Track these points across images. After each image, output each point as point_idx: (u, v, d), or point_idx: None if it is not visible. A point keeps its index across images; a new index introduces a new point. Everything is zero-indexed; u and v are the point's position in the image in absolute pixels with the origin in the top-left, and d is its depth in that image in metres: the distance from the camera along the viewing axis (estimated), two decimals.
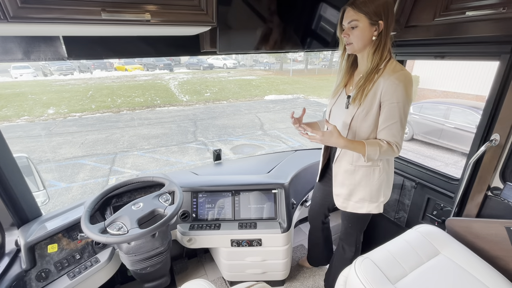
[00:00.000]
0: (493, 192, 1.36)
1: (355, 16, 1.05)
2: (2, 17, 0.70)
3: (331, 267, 1.69)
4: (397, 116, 1.09)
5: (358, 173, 1.25)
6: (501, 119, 1.26)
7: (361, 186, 1.27)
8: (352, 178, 1.26)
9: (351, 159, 1.24)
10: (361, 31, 1.06)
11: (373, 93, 1.11)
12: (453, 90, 8.88)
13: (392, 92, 1.07)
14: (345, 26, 1.09)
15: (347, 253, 1.54)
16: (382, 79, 1.09)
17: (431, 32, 1.47)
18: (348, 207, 1.34)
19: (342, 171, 1.28)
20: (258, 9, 1.20)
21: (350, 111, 1.17)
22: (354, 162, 1.24)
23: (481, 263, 1.23)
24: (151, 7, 0.87)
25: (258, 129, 8.29)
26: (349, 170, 1.26)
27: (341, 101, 1.25)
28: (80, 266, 1.34)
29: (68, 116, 9.69)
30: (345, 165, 1.26)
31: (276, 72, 22.76)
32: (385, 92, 1.08)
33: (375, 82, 1.10)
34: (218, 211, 1.69)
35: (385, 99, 1.09)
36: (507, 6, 1.03)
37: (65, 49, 1.07)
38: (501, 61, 1.23)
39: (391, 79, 1.07)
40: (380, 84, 1.09)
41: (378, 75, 1.10)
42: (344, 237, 1.53)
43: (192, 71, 21.28)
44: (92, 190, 4.79)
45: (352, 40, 1.09)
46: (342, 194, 1.32)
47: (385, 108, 1.10)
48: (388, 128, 1.12)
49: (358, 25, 1.05)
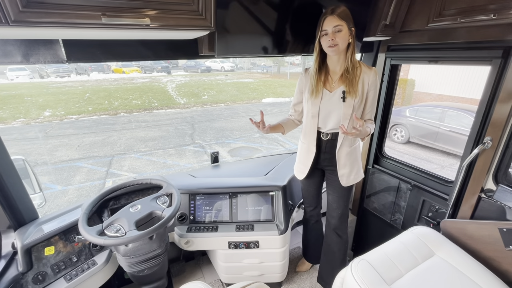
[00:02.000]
0: (487, 194, 1.38)
1: (339, 21, 1.22)
2: (3, 21, 0.71)
3: (328, 259, 1.76)
4: (375, 101, 1.46)
5: (354, 152, 1.50)
6: (493, 122, 1.29)
7: (356, 161, 1.53)
8: (351, 157, 1.50)
9: (350, 142, 1.47)
10: (344, 34, 1.24)
11: (362, 86, 1.36)
12: (448, 93, 8.99)
13: (375, 85, 1.38)
14: (329, 31, 1.24)
15: (343, 236, 1.68)
16: (366, 75, 1.36)
17: (424, 37, 1.50)
18: (349, 181, 1.54)
19: (344, 154, 1.48)
20: (256, 14, 1.22)
21: (349, 103, 1.36)
22: (353, 144, 1.48)
23: (475, 264, 1.25)
24: (151, 12, 0.88)
25: (256, 131, 8.30)
26: (349, 152, 1.48)
27: (327, 98, 1.40)
28: (77, 268, 1.33)
29: (64, 118, 9.63)
30: (346, 149, 1.47)
31: (273, 75, 22.85)
32: (371, 84, 1.37)
33: (359, 77, 1.35)
34: (216, 213, 1.69)
35: (371, 89, 1.38)
36: (497, 13, 1.06)
37: (64, 52, 1.08)
38: (493, 66, 1.26)
39: (373, 74, 1.36)
40: (366, 78, 1.36)
41: (359, 71, 1.35)
42: (339, 222, 1.65)
43: (190, 74, 21.30)
44: (88, 192, 4.76)
45: (337, 42, 1.24)
46: (345, 173, 1.52)
47: (371, 96, 1.40)
48: (372, 110, 1.46)
49: (342, 29, 1.23)
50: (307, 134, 1.51)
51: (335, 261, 1.71)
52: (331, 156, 1.51)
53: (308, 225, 1.88)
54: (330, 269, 1.74)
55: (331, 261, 1.74)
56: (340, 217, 1.63)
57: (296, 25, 1.34)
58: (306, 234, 1.94)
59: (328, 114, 1.42)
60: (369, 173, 2.09)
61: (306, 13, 1.32)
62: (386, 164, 1.97)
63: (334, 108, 1.39)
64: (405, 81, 9.50)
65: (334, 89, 1.39)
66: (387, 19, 1.48)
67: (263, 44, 1.33)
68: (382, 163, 2.00)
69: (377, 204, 2.07)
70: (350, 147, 1.48)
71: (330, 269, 1.74)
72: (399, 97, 9.60)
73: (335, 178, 1.55)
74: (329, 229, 1.70)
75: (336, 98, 1.38)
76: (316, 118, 1.44)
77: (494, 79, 1.27)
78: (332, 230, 1.67)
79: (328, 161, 1.53)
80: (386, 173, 1.95)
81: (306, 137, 1.53)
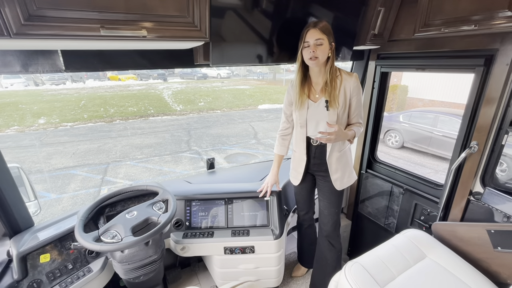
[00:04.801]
0: (475, 197, 1.43)
1: (321, 35, 1.27)
2: (5, 33, 0.74)
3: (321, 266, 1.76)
4: (361, 104, 1.49)
5: (344, 156, 1.54)
6: (479, 127, 1.34)
7: (347, 165, 1.57)
8: (341, 162, 1.54)
9: (339, 147, 1.51)
10: (324, 48, 1.30)
11: (343, 94, 1.41)
12: (440, 99, 9.17)
13: (358, 90, 1.43)
14: (311, 43, 1.29)
15: (336, 244, 1.69)
16: (347, 82, 1.40)
17: (412, 46, 1.57)
18: (343, 184, 1.57)
19: (335, 159, 1.52)
20: (250, 24, 1.27)
21: (333, 112, 1.42)
22: (341, 148, 1.52)
23: (465, 266, 1.28)
24: (148, 24, 0.92)
25: (252, 138, 8.35)
26: (339, 157, 1.52)
27: (313, 108, 1.46)
28: (72, 276, 1.33)
29: (59, 126, 9.57)
30: (336, 154, 1.51)
31: (269, 81, 23.05)
32: (353, 90, 1.42)
33: (340, 86, 1.40)
34: (212, 219, 1.71)
35: (354, 95, 1.43)
36: (478, 23, 1.12)
37: (62, 62, 1.11)
38: (476, 74, 1.32)
39: (353, 80, 1.41)
40: (347, 86, 1.41)
41: (339, 80, 1.40)
42: (331, 229, 1.65)
43: (186, 81, 21.37)
44: (83, 201, 4.72)
45: (318, 55, 1.30)
46: (338, 177, 1.55)
47: (355, 101, 1.45)
48: (358, 113, 1.49)
49: (323, 43, 1.29)
50: (298, 143, 1.56)
51: (327, 269, 1.70)
52: (321, 161, 1.54)
53: (302, 229, 1.89)
54: (322, 276, 1.74)
55: (323, 268, 1.73)
56: (332, 224, 1.64)
57: (288, 34, 1.39)
58: (300, 238, 1.96)
59: (316, 123, 1.46)
60: (362, 178, 2.12)
61: (299, 23, 1.37)
62: (379, 169, 2.01)
63: (321, 117, 1.44)
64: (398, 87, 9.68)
65: (318, 99, 1.44)
66: (375, 29, 1.54)
67: (257, 53, 1.38)
68: (375, 168, 2.04)
69: (371, 209, 2.10)
70: (340, 152, 1.52)
71: (322, 276, 1.74)
72: (392, 103, 9.75)
73: (326, 184, 1.58)
74: (322, 236, 1.71)
75: (321, 107, 1.42)
76: (304, 127, 1.50)
77: (478, 86, 1.32)
78: (324, 237, 1.68)
79: (318, 166, 1.57)
80: (379, 177, 1.99)
81: (297, 146, 1.58)
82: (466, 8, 1.14)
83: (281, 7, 1.30)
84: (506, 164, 4.88)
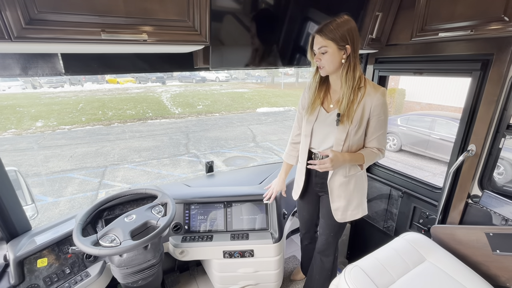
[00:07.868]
0: (473, 200, 1.43)
1: (324, 42, 1.12)
2: (6, 37, 0.75)
3: (311, 281, 1.72)
4: (384, 127, 1.25)
5: (351, 183, 1.33)
6: (476, 131, 1.35)
7: (355, 194, 1.36)
8: (348, 189, 1.33)
9: (345, 171, 1.30)
10: (331, 55, 1.13)
11: (362, 110, 1.19)
12: (437, 102, 9.26)
13: (380, 108, 1.20)
14: (316, 51, 1.16)
15: (326, 264, 1.60)
16: (369, 98, 1.18)
17: (409, 50, 1.58)
18: (346, 217, 1.38)
19: (337, 185, 1.32)
20: (250, 27, 1.28)
21: (343, 128, 1.21)
22: (348, 173, 1.31)
23: (464, 269, 1.28)
24: (148, 28, 0.92)
25: (251, 141, 8.35)
26: (344, 182, 1.32)
27: (323, 118, 1.28)
28: (70, 280, 1.32)
29: (57, 129, 9.53)
30: (340, 178, 1.31)
31: (267, 85, 23.16)
32: (375, 108, 1.19)
33: (360, 100, 1.19)
34: (211, 222, 1.70)
35: (374, 114, 1.21)
36: (474, 28, 1.14)
37: (62, 65, 1.11)
38: (473, 78, 1.34)
39: (378, 97, 1.18)
40: (368, 102, 1.19)
41: (361, 93, 1.19)
42: (323, 248, 1.57)
43: (184, 84, 21.42)
44: (80, 204, 4.68)
45: (323, 64, 1.16)
46: (340, 207, 1.36)
47: (374, 122, 1.22)
48: (378, 138, 1.26)
49: (327, 51, 1.12)
50: (301, 153, 1.42)
51: (315, 284, 1.66)
52: (323, 181, 1.36)
53: (302, 244, 1.86)
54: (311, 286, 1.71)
55: (313, 281, 1.69)
56: (324, 244, 1.54)
57: (287, 39, 1.40)
58: (302, 249, 1.93)
59: (322, 136, 1.29)
60: None
61: (297, 27, 1.39)
62: (378, 172, 2.02)
63: (329, 131, 1.26)
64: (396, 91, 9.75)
65: (332, 110, 1.26)
66: (373, 34, 1.56)
67: (256, 57, 1.39)
68: (374, 171, 2.04)
69: (370, 212, 2.10)
70: (345, 177, 1.30)
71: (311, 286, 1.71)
72: (390, 106, 9.82)
73: (329, 208, 1.39)
74: (316, 250, 1.63)
75: (332, 119, 1.24)
76: (308, 137, 1.33)
77: (475, 90, 1.34)
78: (317, 253, 1.61)
79: (321, 186, 1.39)
80: (377, 180, 1.99)
81: (301, 156, 1.43)
82: (462, 14, 1.16)
83: (279, 12, 1.31)
84: (503, 167, 4.91)
